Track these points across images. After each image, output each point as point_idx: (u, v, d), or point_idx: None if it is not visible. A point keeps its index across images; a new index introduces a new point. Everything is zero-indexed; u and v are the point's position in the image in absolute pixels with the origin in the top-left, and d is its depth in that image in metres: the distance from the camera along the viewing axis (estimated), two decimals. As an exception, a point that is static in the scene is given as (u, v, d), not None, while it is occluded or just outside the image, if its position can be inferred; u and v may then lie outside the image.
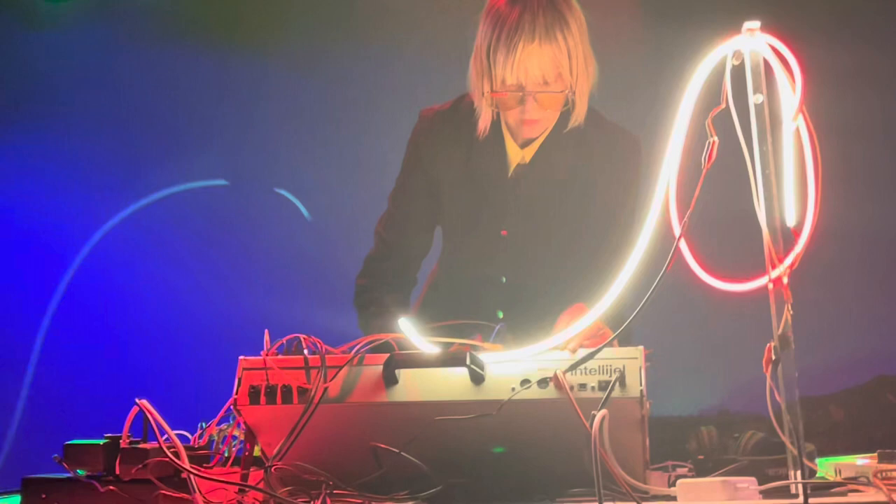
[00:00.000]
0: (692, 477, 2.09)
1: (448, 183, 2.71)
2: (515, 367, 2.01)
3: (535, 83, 2.49)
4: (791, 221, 1.93)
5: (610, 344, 1.99)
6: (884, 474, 1.82)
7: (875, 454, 1.96)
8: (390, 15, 4.44)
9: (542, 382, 1.98)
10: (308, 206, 4.41)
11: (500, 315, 2.71)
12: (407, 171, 2.78)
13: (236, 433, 2.26)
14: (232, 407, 2.08)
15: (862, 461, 1.97)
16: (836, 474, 1.94)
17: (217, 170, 4.61)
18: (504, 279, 2.73)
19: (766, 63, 1.95)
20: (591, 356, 1.99)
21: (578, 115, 2.59)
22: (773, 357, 1.88)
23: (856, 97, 4.03)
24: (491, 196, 2.68)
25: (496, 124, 2.65)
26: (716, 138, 1.95)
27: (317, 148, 4.46)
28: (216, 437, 2.27)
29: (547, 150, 2.65)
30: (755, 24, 1.95)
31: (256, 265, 4.42)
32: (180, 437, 2.11)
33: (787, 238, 1.93)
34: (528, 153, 2.65)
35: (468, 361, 2.00)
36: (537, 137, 2.64)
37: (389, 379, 2.04)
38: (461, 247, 2.75)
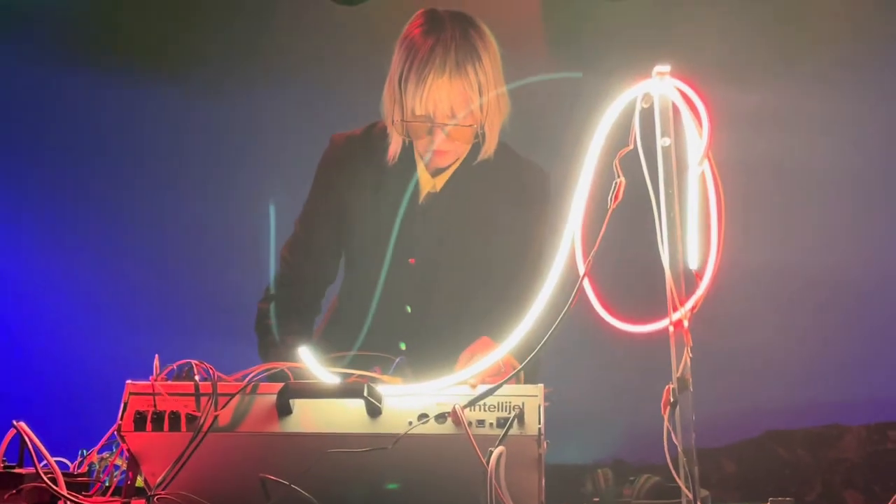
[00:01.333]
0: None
1: (357, 208, 2.67)
2: (414, 401, 1.97)
3: (444, 116, 2.49)
4: (694, 264, 1.94)
5: (509, 381, 1.97)
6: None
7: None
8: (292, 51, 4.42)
9: (440, 417, 1.95)
10: (209, 232, 4.30)
11: (403, 346, 2.67)
12: (315, 195, 2.74)
13: (119, 462, 2.16)
14: (116, 433, 1.99)
15: (753, 509, 1.98)
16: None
17: (117, 199, 4.47)
18: (409, 308, 2.69)
19: (675, 106, 1.97)
20: (490, 392, 1.95)
21: (488, 149, 2.60)
22: (672, 399, 1.87)
23: (759, 139, 4.12)
24: (400, 223, 2.65)
25: (408, 151, 2.63)
26: (623, 179, 1.95)
27: (218, 175, 4.38)
28: (97, 465, 2.18)
29: (458, 179, 2.64)
30: (665, 67, 1.97)
31: (151, 287, 4.30)
32: (59, 464, 2.02)
33: (690, 281, 1.94)
34: (440, 182, 2.64)
35: (365, 393, 1.95)
36: (449, 166, 2.63)
37: (283, 409, 1.97)
38: (368, 273, 2.71)
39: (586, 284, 1.96)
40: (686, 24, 4.12)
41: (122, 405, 2.00)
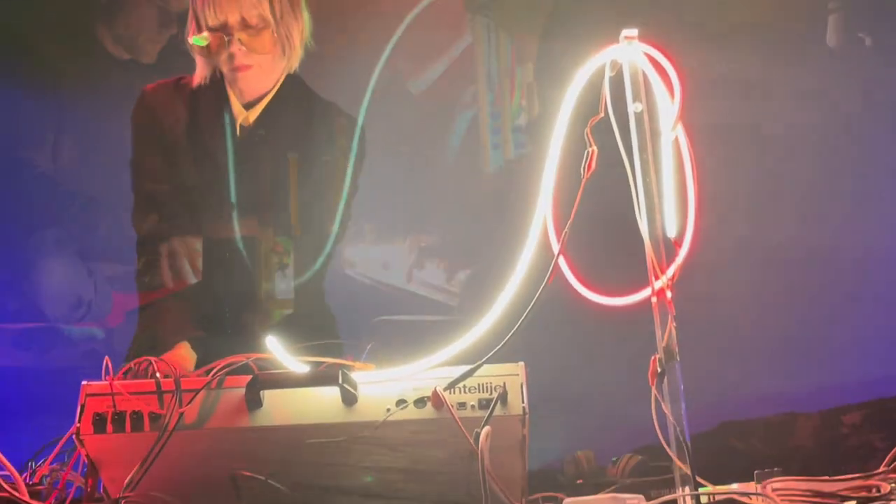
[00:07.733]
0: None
1: (177, 146, 2.63)
2: (390, 387, 1.89)
3: (237, 25, 2.50)
4: (672, 232, 1.89)
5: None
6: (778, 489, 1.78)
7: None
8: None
9: (419, 402, 1.86)
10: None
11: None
12: (138, 148, 2.68)
13: (71, 478, 2.02)
14: (74, 437, 1.86)
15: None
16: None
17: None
18: (227, 255, 2.62)
19: (645, 72, 1.92)
20: (470, 373, 1.88)
21: (291, 62, 2.61)
22: (659, 369, 1.82)
23: (732, 104, 4.10)
24: (219, 159, 2.61)
25: (220, 85, 2.61)
26: (595, 148, 1.90)
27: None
28: (48, 478, 2.04)
29: (269, 113, 2.63)
30: (633, 31, 1.93)
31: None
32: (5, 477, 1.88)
33: (668, 250, 1.89)
34: (252, 115, 2.63)
35: (340, 380, 1.86)
36: (261, 98, 2.61)
37: (253, 402, 1.87)
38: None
39: (562, 261, 1.90)
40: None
41: (79, 407, 1.88)
